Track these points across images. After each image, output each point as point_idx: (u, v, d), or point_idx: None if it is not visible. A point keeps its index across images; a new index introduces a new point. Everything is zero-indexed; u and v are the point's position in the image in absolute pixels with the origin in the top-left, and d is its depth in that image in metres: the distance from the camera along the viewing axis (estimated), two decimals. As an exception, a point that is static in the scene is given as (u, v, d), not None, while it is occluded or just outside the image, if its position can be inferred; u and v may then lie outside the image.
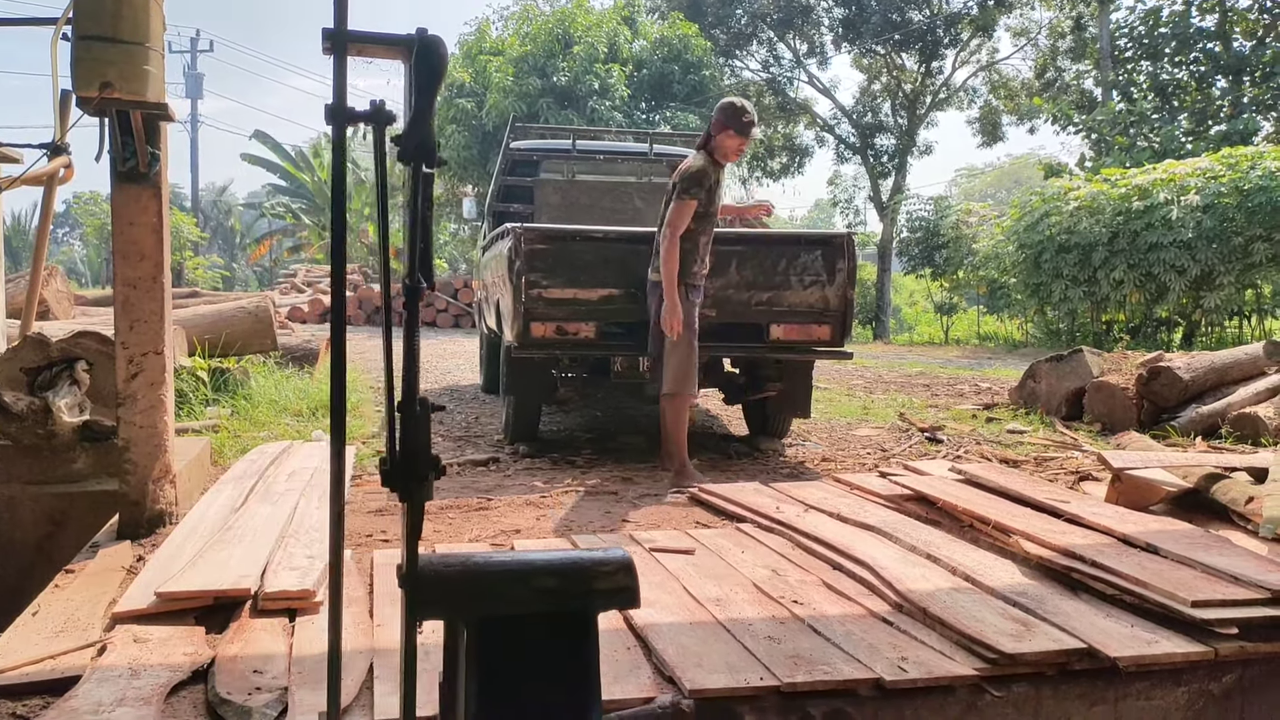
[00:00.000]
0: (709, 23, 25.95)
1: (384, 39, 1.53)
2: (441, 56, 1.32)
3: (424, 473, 1.34)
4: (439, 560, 1.39)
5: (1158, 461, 4.12)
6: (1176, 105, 22.52)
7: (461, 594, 1.37)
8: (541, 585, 1.37)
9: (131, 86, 3.40)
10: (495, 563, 1.45)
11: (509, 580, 1.39)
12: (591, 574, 1.40)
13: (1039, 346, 16.12)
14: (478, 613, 1.36)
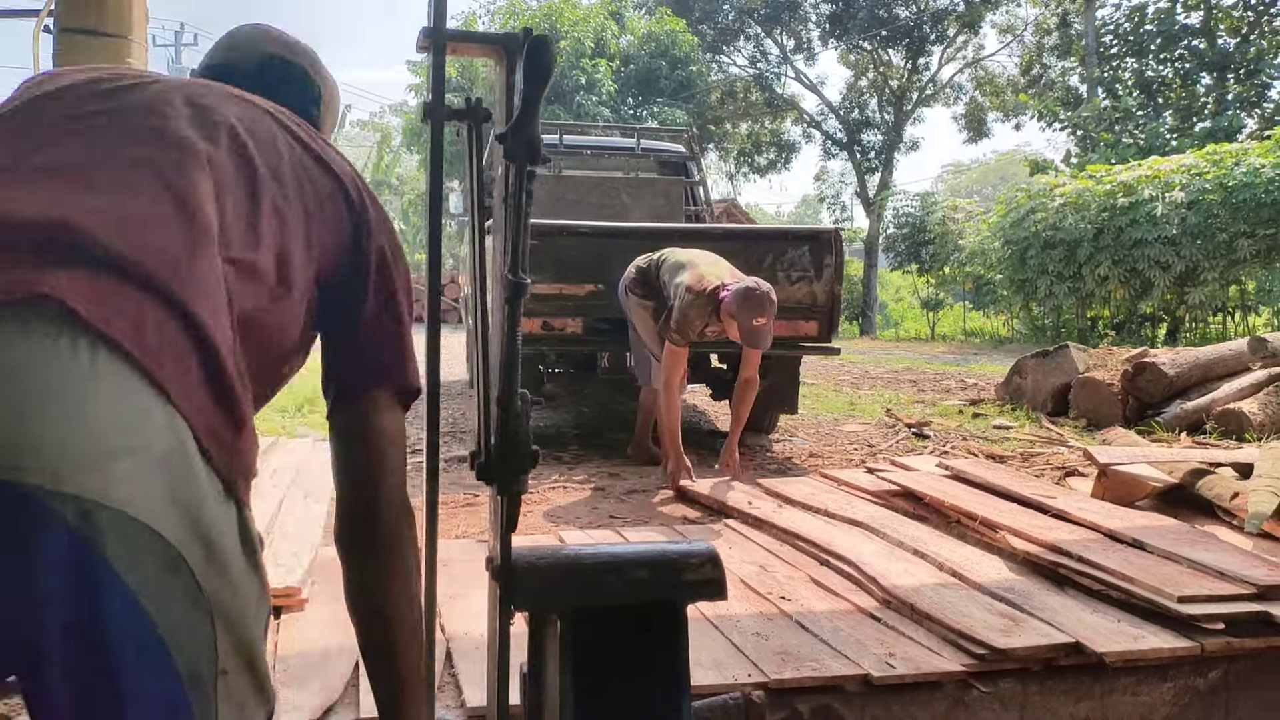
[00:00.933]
0: (696, 18, 25.95)
1: (481, 38, 1.55)
2: (550, 55, 1.33)
3: (525, 466, 1.35)
4: (530, 553, 1.40)
5: (1143, 457, 4.14)
6: (1161, 102, 22.65)
7: (557, 586, 1.38)
8: (633, 577, 1.38)
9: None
10: (585, 555, 1.46)
11: (602, 572, 1.39)
12: (680, 566, 1.41)
13: (1024, 342, 16.19)
14: (572, 604, 1.37)
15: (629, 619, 1.38)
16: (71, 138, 1.19)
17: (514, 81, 1.46)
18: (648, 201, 7.44)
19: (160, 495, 0.98)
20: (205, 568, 1.02)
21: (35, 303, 0.98)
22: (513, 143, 1.34)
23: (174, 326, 1.06)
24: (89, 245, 1.05)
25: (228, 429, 1.10)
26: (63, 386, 0.96)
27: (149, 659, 0.98)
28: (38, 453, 0.92)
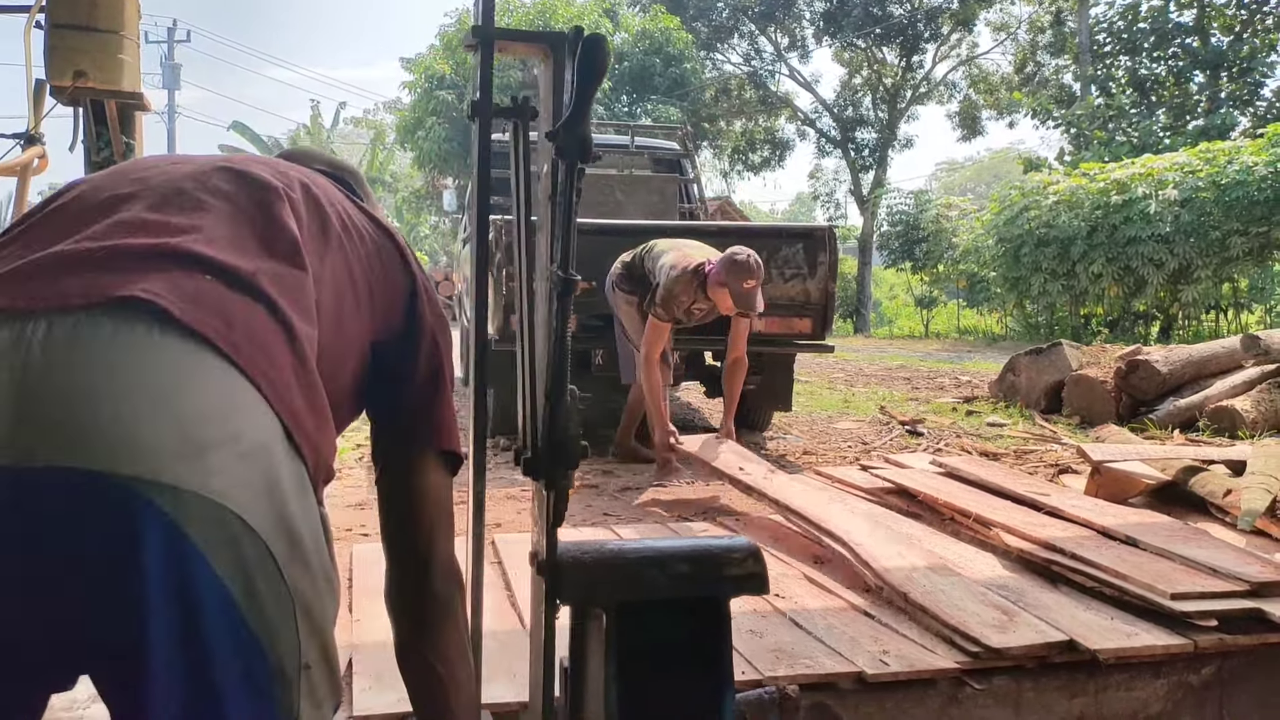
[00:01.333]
0: (690, 16, 25.94)
1: (529, 36, 1.57)
2: (605, 54, 1.36)
3: (574, 461, 1.38)
4: (575, 547, 1.42)
5: (1136, 454, 4.14)
6: (1155, 100, 22.69)
7: (602, 580, 1.40)
8: (676, 572, 1.40)
9: (106, 76, 3.36)
10: (630, 550, 1.48)
11: (645, 567, 1.42)
12: (723, 560, 1.43)
13: (1018, 340, 16.22)
14: (617, 598, 1.38)
15: (671, 613, 1.40)
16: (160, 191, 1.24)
17: (561, 79, 1.50)
18: (642, 199, 7.43)
19: (252, 487, 1.01)
20: (290, 560, 1.04)
21: (129, 303, 1.03)
22: (565, 140, 1.35)
23: (263, 323, 1.11)
24: (179, 252, 1.11)
25: (313, 423, 1.14)
26: (159, 382, 0.99)
27: (239, 651, 0.99)
28: (136, 446, 0.95)
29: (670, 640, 1.40)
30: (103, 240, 1.12)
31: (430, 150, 21.50)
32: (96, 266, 1.08)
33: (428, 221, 27.77)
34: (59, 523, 0.94)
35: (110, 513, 0.94)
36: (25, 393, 0.96)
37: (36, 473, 0.94)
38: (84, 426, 0.95)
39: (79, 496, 0.94)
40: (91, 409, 0.96)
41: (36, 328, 1.00)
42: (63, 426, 0.95)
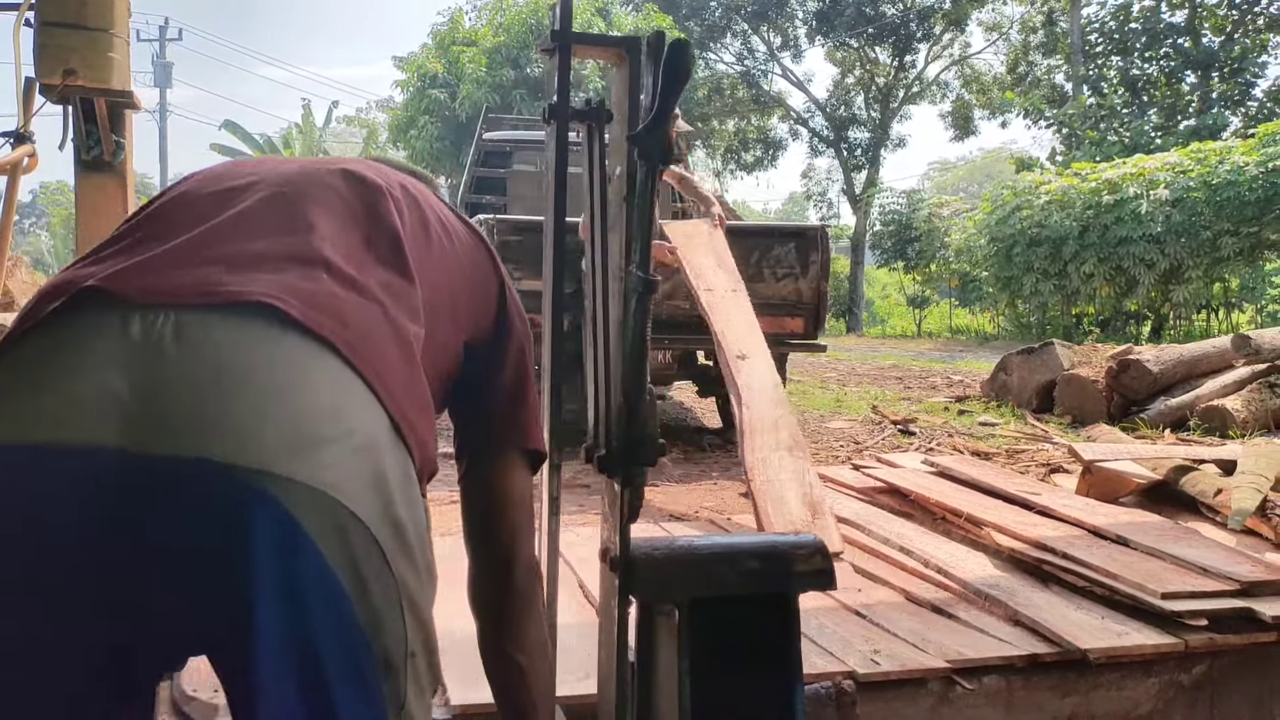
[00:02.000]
0: (683, 15, 25.95)
1: (605, 40, 1.58)
2: (689, 59, 1.36)
3: (653, 459, 1.40)
4: (646, 544, 1.43)
5: (1127, 454, 4.15)
6: (1146, 100, 22.75)
7: (675, 577, 1.42)
8: (746, 568, 1.42)
9: (95, 73, 3.33)
10: (700, 546, 1.50)
11: (717, 563, 1.44)
12: (791, 557, 1.45)
13: (1010, 339, 16.26)
14: (689, 594, 1.40)
15: (741, 609, 1.42)
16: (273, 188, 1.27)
17: (636, 82, 1.51)
18: None
19: (361, 480, 1.04)
20: (396, 552, 1.07)
21: (247, 303, 1.07)
22: (646, 143, 1.36)
23: (375, 322, 1.15)
24: (296, 251, 1.16)
25: (419, 419, 1.17)
26: (278, 380, 1.03)
27: (347, 639, 1.02)
28: (254, 439, 0.98)
29: (740, 635, 1.42)
30: (224, 238, 1.16)
31: (423, 149, 21.44)
32: (218, 264, 1.12)
33: (420, 220, 27.72)
34: (175, 509, 0.97)
35: (226, 501, 0.97)
36: (151, 384, 1.00)
37: (157, 460, 0.97)
38: (205, 419, 0.98)
39: (197, 485, 0.97)
40: (213, 403, 0.99)
41: (165, 322, 1.04)
42: (185, 418, 0.98)
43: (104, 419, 0.97)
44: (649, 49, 1.42)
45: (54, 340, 1.05)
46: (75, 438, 0.97)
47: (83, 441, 0.97)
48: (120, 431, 0.97)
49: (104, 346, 1.02)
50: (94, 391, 0.99)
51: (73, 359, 1.02)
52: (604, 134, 1.58)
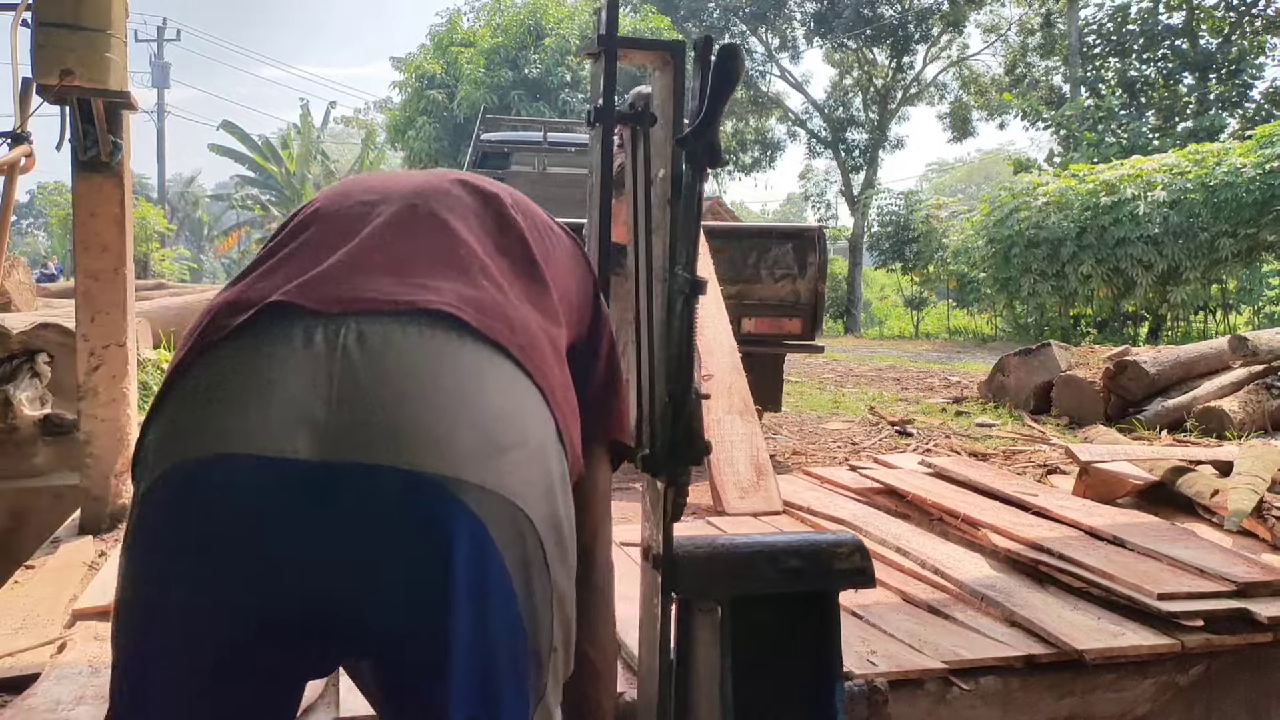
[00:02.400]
0: (681, 16, 25.97)
1: (651, 44, 1.60)
2: (740, 64, 1.39)
3: (699, 458, 1.42)
4: (688, 543, 1.46)
5: (1124, 455, 4.15)
6: (1144, 101, 22.79)
7: (718, 575, 1.44)
8: (787, 566, 1.44)
9: (92, 74, 3.34)
10: (741, 545, 1.51)
11: (758, 561, 1.45)
12: (830, 555, 1.47)
13: (1008, 340, 16.27)
14: (731, 592, 1.43)
15: (781, 606, 1.44)
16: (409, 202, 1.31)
17: (680, 86, 1.54)
18: None
19: (537, 486, 1.09)
20: (555, 554, 1.12)
21: (425, 311, 1.11)
22: (695, 146, 1.38)
23: (534, 326, 1.20)
24: (455, 260, 1.20)
25: (573, 421, 1.22)
26: (463, 386, 1.07)
27: (513, 639, 1.07)
28: (446, 446, 1.02)
29: (781, 633, 1.44)
30: (381, 249, 1.19)
31: (421, 149, 21.44)
32: (386, 273, 1.15)
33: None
34: (368, 515, 1.00)
35: (420, 508, 1.01)
36: (341, 393, 1.03)
37: (351, 468, 1.00)
38: (397, 427, 1.02)
39: (390, 492, 1.00)
40: (403, 411, 1.02)
41: (348, 332, 1.07)
42: (377, 427, 1.01)
43: (299, 429, 1.01)
44: (696, 53, 1.45)
45: (244, 353, 1.08)
46: (272, 449, 1.00)
47: (279, 453, 1.00)
48: (315, 441, 1.00)
49: (293, 358, 1.05)
50: (287, 403, 1.02)
51: (264, 371, 1.05)
52: (648, 137, 1.58)
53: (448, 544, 1.00)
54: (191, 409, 1.07)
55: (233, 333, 1.09)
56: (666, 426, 1.42)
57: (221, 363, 1.08)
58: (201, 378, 1.08)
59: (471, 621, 1.02)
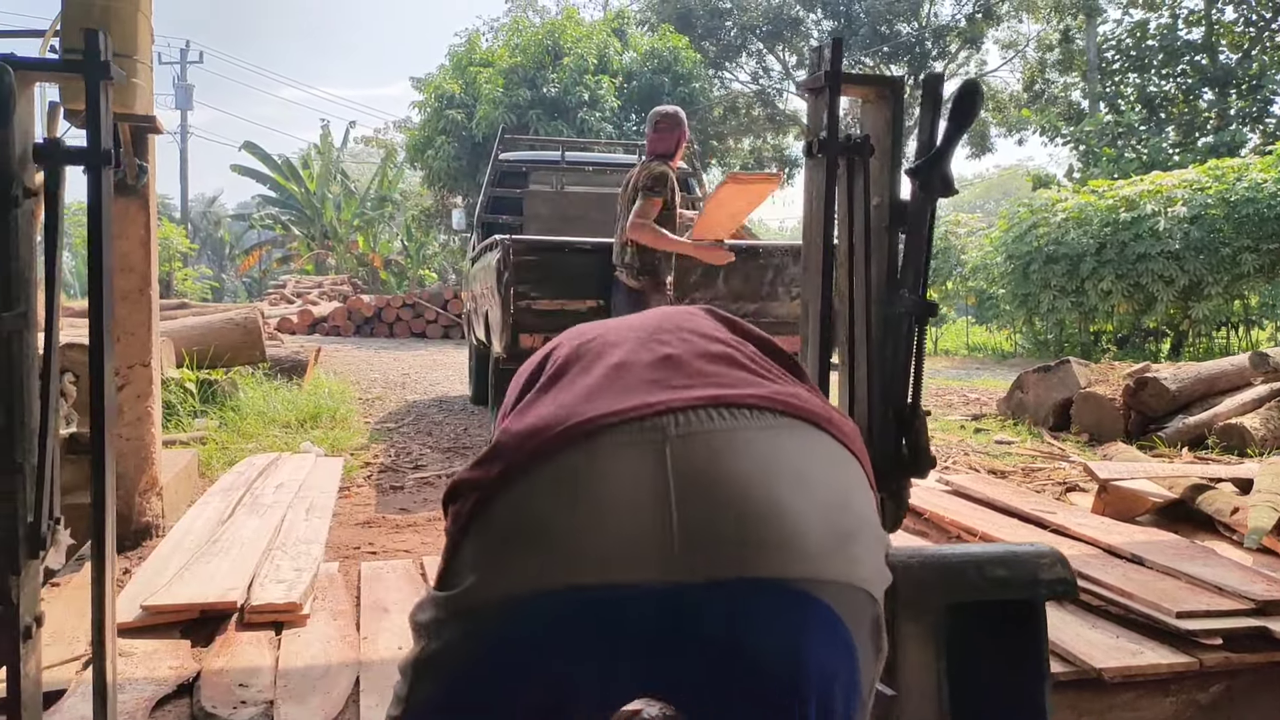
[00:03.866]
0: (699, 35, 26.07)
1: (872, 79, 1.72)
2: (980, 99, 1.46)
3: (924, 472, 1.49)
4: (899, 553, 1.48)
5: (1143, 472, 4.14)
6: (1164, 117, 22.69)
7: (933, 584, 1.47)
8: (995, 575, 1.47)
9: (119, 99, 3.39)
10: (949, 555, 1.54)
11: (968, 570, 1.48)
12: (1034, 565, 1.50)
13: (1028, 357, 16.18)
14: (946, 600, 1.46)
15: (990, 614, 1.47)
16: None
17: (900, 117, 1.63)
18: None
19: (877, 564, 1.10)
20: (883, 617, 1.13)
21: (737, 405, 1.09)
22: (929, 176, 1.45)
23: (820, 399, 1.20)
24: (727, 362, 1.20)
25: (870, 470, 1.21)
26: (796, 477, 1.05)
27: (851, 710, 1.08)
28: (801, 548, 1.01)
29: (990, 639, 1.47)
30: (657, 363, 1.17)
31: (439, 169, 21.57)
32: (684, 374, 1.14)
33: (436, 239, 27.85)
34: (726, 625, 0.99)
35: (781, 612, 1.00)
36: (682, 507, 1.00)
37: (708, 585, 0.98)
38: (748, 537, 0.99)
39: (749, 599, 0.99)
40: (750, 516, 1.00)
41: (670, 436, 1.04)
42: (726, 540, 0.99)
43: (647, 551, 0.99)
44: (926, 88, 1.53)
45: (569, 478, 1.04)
46: (625, 578, 0.98)
47: (633, 580, 0.98)
48: (667, 562, 0.98)
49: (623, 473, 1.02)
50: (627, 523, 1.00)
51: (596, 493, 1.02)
52: (867, 167, 1.64)
53: (807, 641, 1.00)
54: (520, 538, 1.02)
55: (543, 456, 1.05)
56: (889, 441, 1.46)
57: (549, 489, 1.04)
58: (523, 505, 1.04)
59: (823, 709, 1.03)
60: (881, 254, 1.58)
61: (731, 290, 5.36)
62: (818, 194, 1.70)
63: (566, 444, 1.04)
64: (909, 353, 1.45)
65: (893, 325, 1.49)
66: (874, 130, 1.67)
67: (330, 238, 29.84)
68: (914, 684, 1.45)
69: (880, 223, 1.59)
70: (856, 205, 1.63)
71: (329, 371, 10.18)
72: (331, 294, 22.39)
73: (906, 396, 1.45)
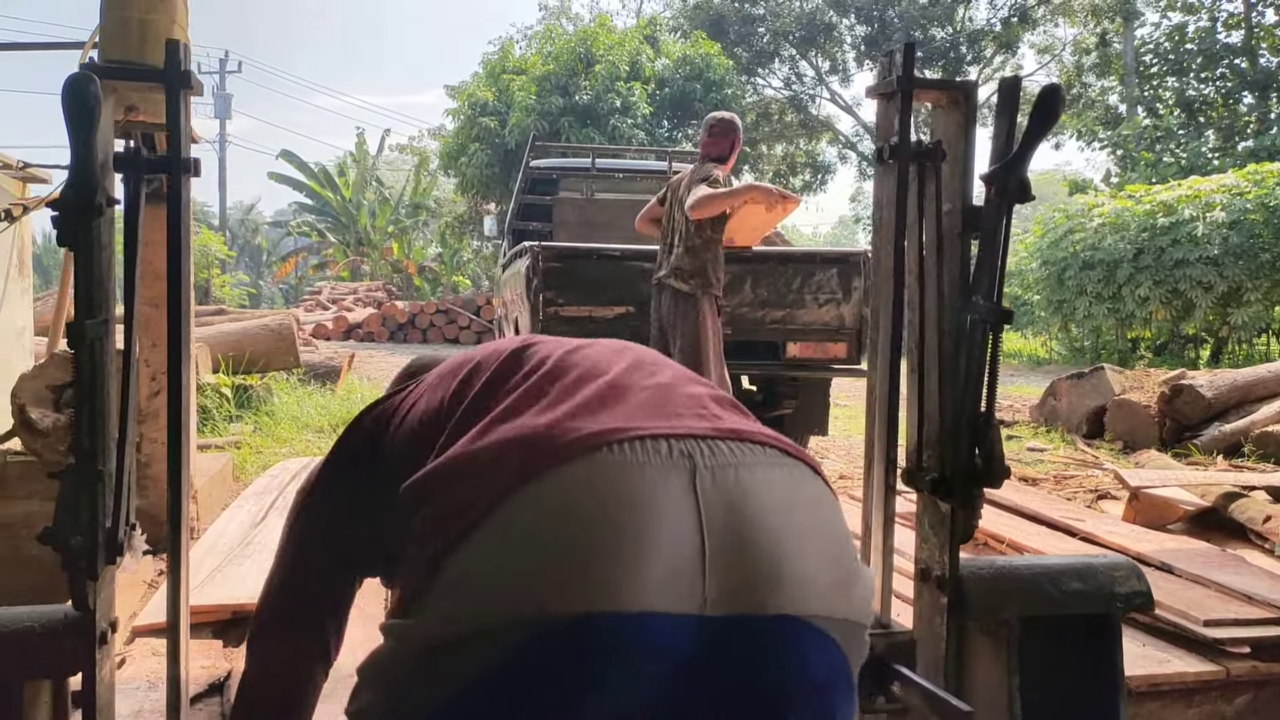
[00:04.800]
0: (731, 41, 26.06)
1: (945, 84, 1.73)
2: (1061, 102, 1.46)
3: (999, 482, 1.47)
4: (970, 564, 1.48)
5: (1176, 480, 4.10)
6: (1203, 121, 22.39)
7: (1008, 595, 1.46)
8: (1070, 588, 1.46)
9: (156, 109, 3.45)
10: (1021, 567, 1.53)
11: (1043, 583, 1.47)
12: (1110, 578, 1.49)
13: (1063, 364, 16.01)
14: (1019, 613, 1.45)
15: (1063, 628, 1.46)
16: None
17: (972, 123, 1.64)
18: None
19: (870, 597, 1.13)
20: None
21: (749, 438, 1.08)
22: (1005, 181, 1.44)
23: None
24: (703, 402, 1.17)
25: None
26: (809, 517, 1.06)
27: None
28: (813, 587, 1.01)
29: (1065, 653, 1.46)
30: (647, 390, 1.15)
31: (473, 176, 21.70)
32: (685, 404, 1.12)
33: (470, 246, 28.01)
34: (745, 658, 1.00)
35: (806, 650, 1.02)
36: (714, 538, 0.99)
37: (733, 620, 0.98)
38: (774, 572, 0.99)
39: (767, 636, 1.00)
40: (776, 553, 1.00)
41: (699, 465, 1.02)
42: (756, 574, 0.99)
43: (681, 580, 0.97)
44: (1003, 92, 1.54)
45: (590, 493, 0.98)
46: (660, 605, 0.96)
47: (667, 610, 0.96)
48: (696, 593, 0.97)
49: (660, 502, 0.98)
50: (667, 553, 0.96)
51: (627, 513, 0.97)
52: (939, 172, 1.64)
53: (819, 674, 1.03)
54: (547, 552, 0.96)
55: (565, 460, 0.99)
56: (962, 451, 1.44)
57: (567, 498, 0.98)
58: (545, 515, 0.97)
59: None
60: (953, 261, 1.57)
61: (759, 297, 5.36)
62: (889, 201, 1.70)
63: (590, 451, 0.99)
64: (983, 360, 1.44)
65: (965, 333, 1.48)
66: (946, 135, 1.67)
67: (365, 244, 30.10)
68: (986, 697, 1.44)
69: (952, 229, 1.58)
70: (928, 211, 1.63)
71: (363, 377, 10.28)
72: (366, 300, 22.59)
73: (980, 405, 1.44)
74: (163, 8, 3.48)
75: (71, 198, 1.36)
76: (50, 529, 1.40)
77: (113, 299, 1.51)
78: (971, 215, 1.56)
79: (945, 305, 1.56)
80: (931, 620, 1.53)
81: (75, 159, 1.36)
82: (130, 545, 1.58)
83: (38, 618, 1.45)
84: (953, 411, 1.48)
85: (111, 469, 1.49)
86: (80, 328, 1.39)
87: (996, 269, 1.45)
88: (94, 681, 1.45)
